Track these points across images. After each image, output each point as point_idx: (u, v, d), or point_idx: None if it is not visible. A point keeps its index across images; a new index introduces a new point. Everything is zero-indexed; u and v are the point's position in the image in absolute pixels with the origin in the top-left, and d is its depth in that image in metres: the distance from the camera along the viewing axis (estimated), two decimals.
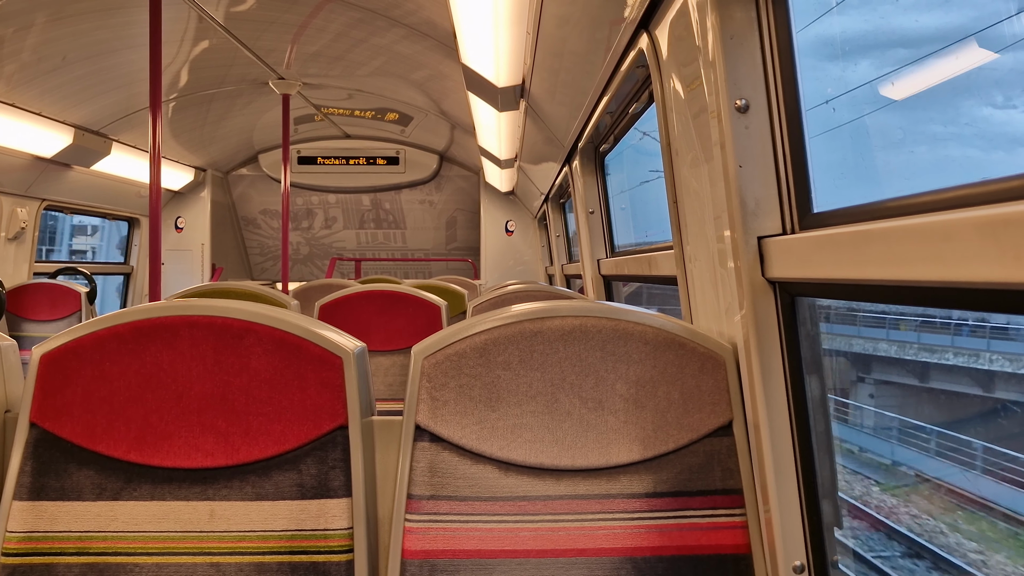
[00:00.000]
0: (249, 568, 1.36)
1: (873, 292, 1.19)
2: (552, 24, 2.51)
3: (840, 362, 11.26)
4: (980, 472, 8.34)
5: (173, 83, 5.75)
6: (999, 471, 7.98)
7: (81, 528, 1.36)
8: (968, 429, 8.92)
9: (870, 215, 1.14)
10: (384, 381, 3.14)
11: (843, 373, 11.21)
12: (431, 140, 8.42)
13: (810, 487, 1.40)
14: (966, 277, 0.89)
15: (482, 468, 1.40)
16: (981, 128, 3.10)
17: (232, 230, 9.24)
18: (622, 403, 1.41)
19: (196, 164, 8.12)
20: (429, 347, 1.44)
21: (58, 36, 4.30)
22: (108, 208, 6.98)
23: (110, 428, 1.39)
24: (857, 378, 11.77)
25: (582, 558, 1.36)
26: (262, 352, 1.41)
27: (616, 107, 2.81)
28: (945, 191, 0.99)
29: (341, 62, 5.78)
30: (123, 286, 7.68)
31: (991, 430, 8.56)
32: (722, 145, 1.46)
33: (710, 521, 1.39)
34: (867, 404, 11.21)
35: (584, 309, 1.45)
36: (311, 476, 1.40)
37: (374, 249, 9.54)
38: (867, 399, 11.75)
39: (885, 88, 2.51)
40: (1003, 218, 0.83)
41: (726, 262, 1.52)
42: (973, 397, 9.61)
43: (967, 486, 8.24)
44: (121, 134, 6.06)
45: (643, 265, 2.71)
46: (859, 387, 11.68)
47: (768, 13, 1.42)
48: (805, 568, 1.38)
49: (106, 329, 1.41)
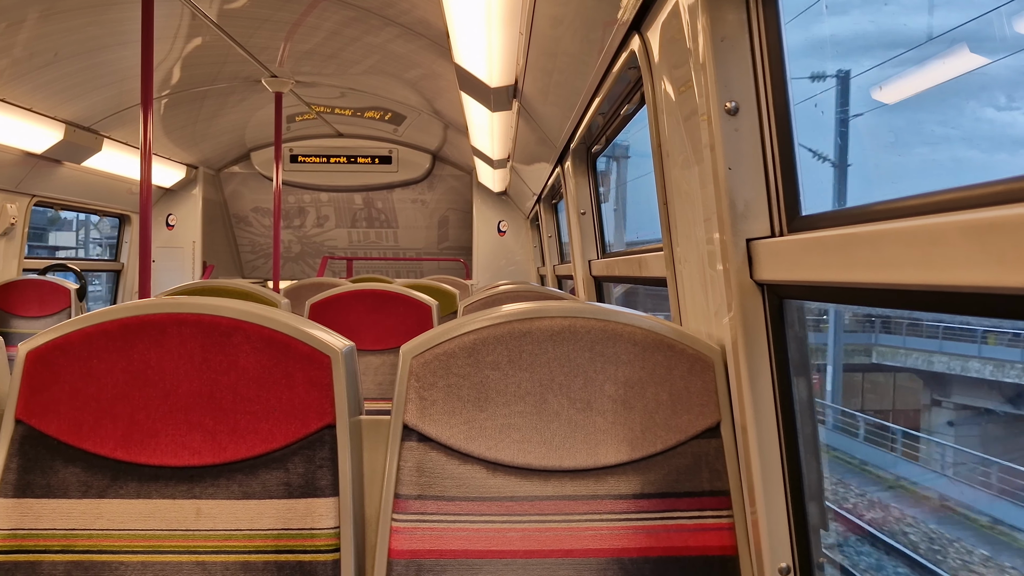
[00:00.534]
0: (235, 567, 1.36)
1: (861, 295, 1.19)
2: (545, 25, 2.51)
3: (909, 381, 10.24)
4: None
5: (165, 80, 5.73)
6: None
7: (67, 526, 1.36)
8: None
9: (858, 218, 1.14)
10: (374, 380, 3.13)
11: (910, 393, 10.09)
12: (424, 139, 8.42)
13: (796, 489, 1.40)
14: (953, 281, 0.89)
15: (470, 468, 1.40)
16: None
17: (223, 228, 9.21)
18: (611, 404, 1.41)
19: (188, 161, 8.09)
20: (418, 346, 1.44)
21: (50, 32, 4.28)
22: (99, 204, 6.95)
23: (97, 425, 1.38)
24: (932, 401, 10.50)
25: (569, 559, 1.36)
26: (250, 350, 1.41)
27: (608, 108, 2.82)
28: (932, 195, 0.99)
29: (334, 60, 5.77)
30: (113, 283, 7.65)
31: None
32: (712, 147, 1.46)
33: (697, 523, 1.39)
34: (946, 438, 9.88)
35: (573, 310, 1.46)
36: (298, 475, 1.40)
37: (366, 248, 9.52)
38: (944, 428, 10.64)
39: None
40: (989, 222, 0.83)
41: (715, 264, 1.52)
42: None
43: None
44: (112, 131, 6.04)
45: (633, 266, 2.72)
46: (933, 414, 10.26)
47: (759, 16, 1.42)
48: (791, 570, 1.38)
49: (94, 326, 1.41)
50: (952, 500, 9.94)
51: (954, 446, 10.71)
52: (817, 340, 12.57)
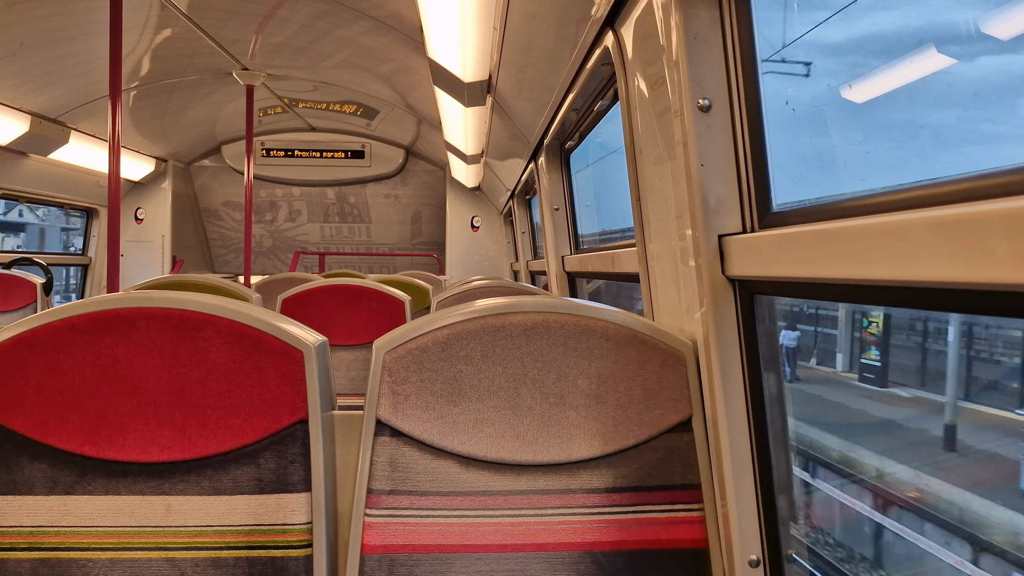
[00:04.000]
0: (205, 563, 1.35)
1: (830, 291, 1.21)
2: (519, 20, 2.51)
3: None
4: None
5: (134, 71, 5.64)
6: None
7: (32, 523, 1.34)
8: None
9: (828, 214, 1.16)
10: (346, 375, 3.12)
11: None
12: (397, 134, 8.38)
13: (766, 482, 1.42)
14: (920, 276, 0.91)
15: (443, 463, 1.40)
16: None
17: (194, 222, 9.11)
18: (583, 398, 1.42)
19: (157, 154, 7.99)
20: (391, 341, 1.43)
21: (15, 21, 4.20)
22: (65, 198, 6.84)
23: (63, 421, 1.36)
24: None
25: (542, 552, 1.37)
26: (220, 345, 1.40)
27: (582, 104, 2.82)
28: (901, 191, 1.00)
29: (306, 53, 5.72)
30: (80, 277, 7.54)
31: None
32: (684, 144, 1.47)
33: (669, 516, 1.40)
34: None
35: (546, 305, 1.46)
36: (270, 471, 1.39)
37: (338, 243, 9.47)
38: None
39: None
40: (955, 219, 0.85)
41: (687, 260, 1.53)
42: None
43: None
44: (80, 122, 5.94)
45: (607, 262, 2.73)
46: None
47: (731, 13, 1.43)
48: (760, 562, 1.40)
49: (61, 320, 1.39)
50: None
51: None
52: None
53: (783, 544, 1.43)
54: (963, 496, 8.74)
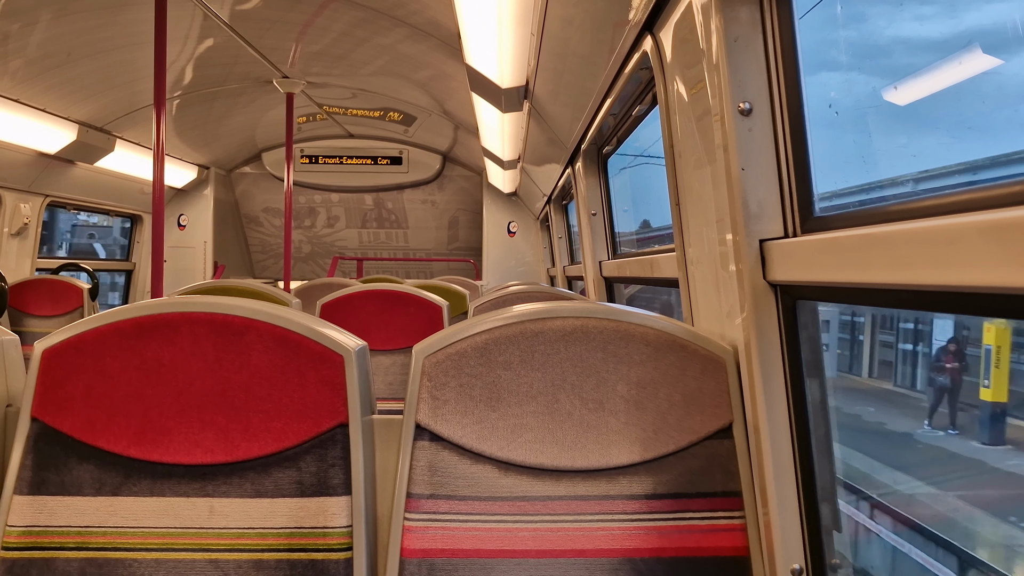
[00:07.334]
0: (247, 565, 1.36)
1: (876, 296, 1.19)
2: (556, 25, 2.51)
3: None
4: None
5: (177, 81, 5.75)
6: None
7: (81, 523, 1.36)
8: None
9: (873, 219, 1.14)
10: (384, 380, 3.14)
11: None
12: (434, 140, 8.43)
13: (809, 490, 1.40)
14: (970, 281, 0.89)
15: (482, 468, 1.40)
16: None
17: (234, 228, 9.25)
18: (623, 404, 1.41)
19: (199, 162, 8.13)
20: (430, 346, 1.44)
21: (63, 33, 4.31)
22: (111, 205, 6.98)
23: (110, 423, 1.39)
24: None
25: (581, 559, 1.36)
26: (263, 349, 1.41)
27: (619, 109, 2.81)
28: (949, 195, 0.98)
29: (344, 61, 5.78)
30: (125, 283, 7.69)
31: None
32: (725, 148, 1.46)
33: (709, 523, 1.39)
34: None
35: (586, 310, 1.45)
36: (311, 474, 1.40)
37: (376, 248, 9.54)
38: None
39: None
40: (1008, 222, 0.83)
41: (728, 265, 1.52)
42: None
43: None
44: (125, 131, 6.07)
45: (645, 267, 2.71)
46: None
47: (772, 15, 1.42)
48: (803, 571, 1.38)
49: (107, 325, 1.41)
50: None
51: None
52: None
53: (827, 553, 1.41)
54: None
